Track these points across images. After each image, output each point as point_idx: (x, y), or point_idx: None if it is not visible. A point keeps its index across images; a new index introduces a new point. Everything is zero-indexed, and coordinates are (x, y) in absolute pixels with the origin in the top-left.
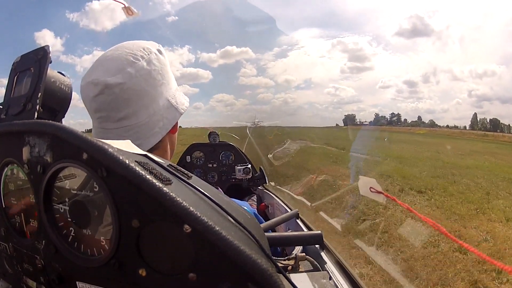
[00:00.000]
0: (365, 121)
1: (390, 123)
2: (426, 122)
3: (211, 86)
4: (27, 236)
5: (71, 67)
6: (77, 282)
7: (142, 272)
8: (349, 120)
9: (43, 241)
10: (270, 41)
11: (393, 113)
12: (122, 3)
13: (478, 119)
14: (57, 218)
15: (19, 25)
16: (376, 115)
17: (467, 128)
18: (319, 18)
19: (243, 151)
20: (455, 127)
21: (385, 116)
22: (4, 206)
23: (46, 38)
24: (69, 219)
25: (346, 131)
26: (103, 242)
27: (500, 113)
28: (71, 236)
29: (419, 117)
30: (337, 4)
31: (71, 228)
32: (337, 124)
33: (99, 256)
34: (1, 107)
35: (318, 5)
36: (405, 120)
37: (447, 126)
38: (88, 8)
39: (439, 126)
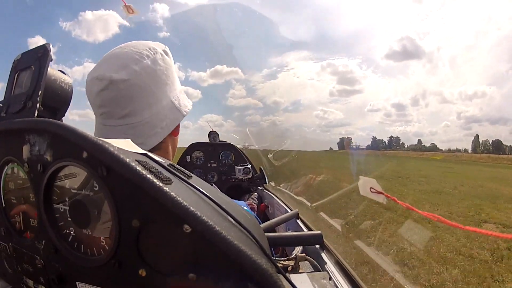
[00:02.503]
0: (362, 145)
1: (389, 146)
2: (427, 145)
3: (200, 106)
4: (27, 236)
5: None
6: (77, 282)
7: (142, 272)
8: (345, 143)
9: (43, 241)
10: (260, 60)
11: (391, 136)
12: (122, 1)
13: (481, 141)
14: (57, 217)
15: (13, 30)
16: (374, 138)
17: (470, 151)
18: (309, 40)
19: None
20: (457, 150)
21: (382, 140)
22: (4, 205)
23: (39, 44)
24: (69, 219)
25: (347, 156)
26: (103, 242)
27: (489, 134)
28: (71, 236)
29: (419, 140)
30: (327, 27)
31: (71, 228)
32: (331, 148)
33: (99, 256)
34: (1, 105)
35: (308, 27)
36: (403, 143)
37: (449, 150)
38: (81, 18)
39: (441, 150)
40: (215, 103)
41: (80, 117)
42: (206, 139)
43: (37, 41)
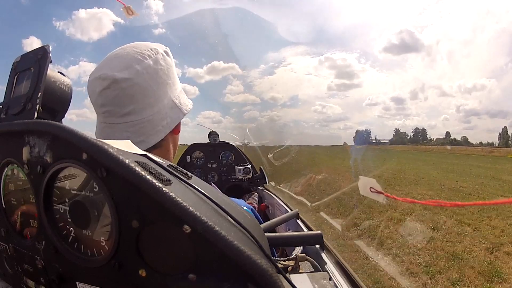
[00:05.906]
0: (384, 139)
1: (415, 140)
2: (459, 139)
3: (198, 102)
4: (27, 237)
5: None
6: (77, 283)
7: (142, 272)
8: (362, 137)
9: (43, 242)
10: (258, 56)
11: (417, 128)
12: (122, 3)
13: (510, 134)
14: (57, 218)
15: (6, 32)
16: (396, 130)
17: (496, 144)
18: (306, 35)
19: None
20: (490, 144)
21: (405, 132)
22: (4, 206)
23: (34, 45)
24: (69, 220)
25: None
26: (103, 242)
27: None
28: (71, 237)
29: (448, 133)
30: (324, 21)
31: (71, 229)
32: (344, 143)
33: (99, 256)
34: (1, 107)
35: (305, 21)
36: (426, 136)
37: (480, 143)
38: (74, 17)
39: (472, 143)
40: (212, 100)
41: (77, 116)
42: (205, 136)
43: (31, 42)
